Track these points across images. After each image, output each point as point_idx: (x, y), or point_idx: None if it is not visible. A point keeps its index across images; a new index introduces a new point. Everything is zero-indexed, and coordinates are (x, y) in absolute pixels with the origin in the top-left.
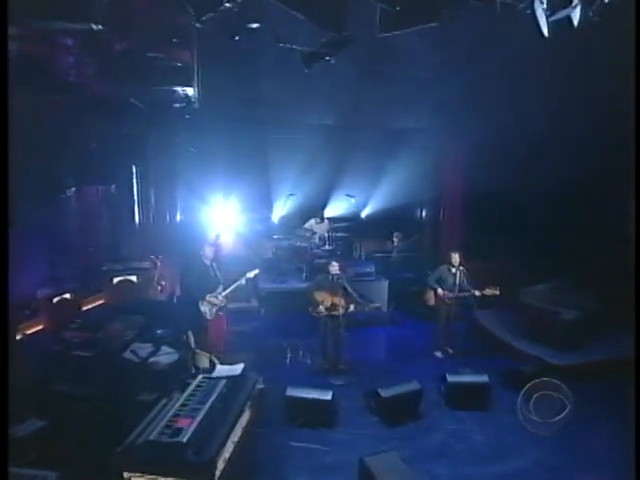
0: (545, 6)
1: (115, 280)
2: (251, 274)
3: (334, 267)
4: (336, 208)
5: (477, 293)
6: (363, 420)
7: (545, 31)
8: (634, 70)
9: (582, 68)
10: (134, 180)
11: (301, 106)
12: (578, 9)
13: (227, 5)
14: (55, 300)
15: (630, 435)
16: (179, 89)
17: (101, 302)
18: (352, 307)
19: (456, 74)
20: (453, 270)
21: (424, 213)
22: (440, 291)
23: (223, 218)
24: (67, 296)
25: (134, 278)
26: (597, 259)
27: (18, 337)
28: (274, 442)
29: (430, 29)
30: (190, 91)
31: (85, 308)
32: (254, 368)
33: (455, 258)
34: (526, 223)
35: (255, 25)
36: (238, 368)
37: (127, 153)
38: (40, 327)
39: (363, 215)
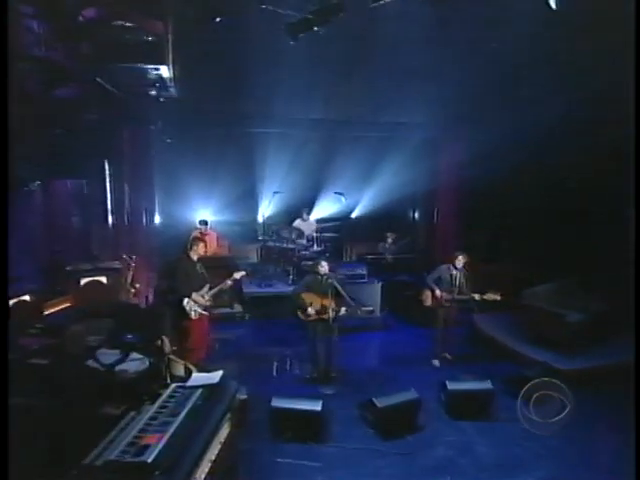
0: None
1: (82, 281)
2: (238, 275)
3: (323, 267)
4: (325, 207)
5: (477, 297)
6: (357, 433)
7: (553, 3)
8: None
9: (584, 57)
10: (106, 173)
11: (287, 98)
12: None
13: None
14: (12, 302)
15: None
16: (151, 68)
17: (66, 305)
18: (343, 310)
19: (453, 66)
20: (454, 271)
21: (418, 212)
22: (438, 292)
23: (203, 217)
24: (26, 298)
25: (104, 279)
26: (601, 258)
27: None
28: (258, 459)
29: (426, 18)
30: (164, 71)
31: (47, 312)
32: (237, 378)
33: (459, 259)
34: (525, 222)
35: None
36: (216, 376)
37: (97, 143)
38: None
39: (354, 214)
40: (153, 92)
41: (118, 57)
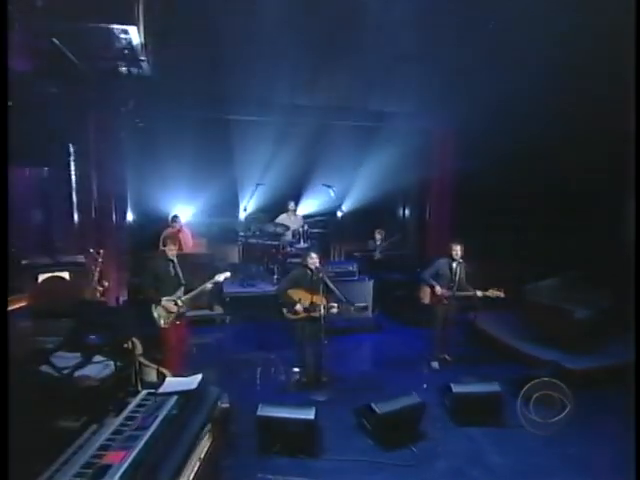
0: None
1: (41, 277)
2: (221, 277)
3: (313, 259)
4: (312, 200)
5: (479, 294)
6: (354, 443)
7: None
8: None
9: (582, 48)
10: (71, 159)
11: (271, 82)
12: None
13: None
14: None
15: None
16: (118, 30)
17: (21, 305)
18: (335, 309)
19: (443, 51)
20: (453, 265)
21: (410, 207)
22: (438, 288)
23: (179, 211)
24: None
25: (66, 275)
26: (606, 252)
27: None
28: (243, 476)
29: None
30: (134, 36)
31: None
32: (218, 383)
33: (456, 250)
34: (524, 217)
35: None
36: (194, 381)
37: (60, 124)
38: None
39: (343, 208)
40: (123, 68)
41: (78, 12)
